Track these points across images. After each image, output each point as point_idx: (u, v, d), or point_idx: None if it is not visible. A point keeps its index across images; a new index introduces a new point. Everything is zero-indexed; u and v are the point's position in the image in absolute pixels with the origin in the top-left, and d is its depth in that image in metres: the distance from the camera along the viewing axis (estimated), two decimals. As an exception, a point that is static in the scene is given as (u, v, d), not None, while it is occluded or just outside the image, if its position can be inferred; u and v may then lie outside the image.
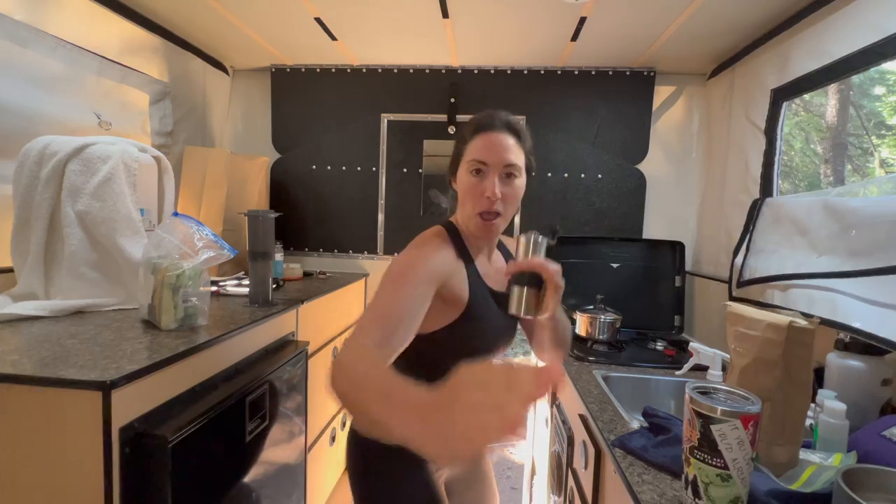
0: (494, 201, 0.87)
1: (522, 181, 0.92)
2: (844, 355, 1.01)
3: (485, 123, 0.91)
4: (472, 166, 0.89)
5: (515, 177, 0.90)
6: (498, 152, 0.88)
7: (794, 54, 1.42)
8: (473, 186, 0.88)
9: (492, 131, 0.90)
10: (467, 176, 0.89)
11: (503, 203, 0.88)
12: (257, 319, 1.20)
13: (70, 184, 1.15)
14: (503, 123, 0.91)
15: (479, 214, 0.88)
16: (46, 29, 1.30)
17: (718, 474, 0.65)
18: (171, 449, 0.78)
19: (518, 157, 0.90)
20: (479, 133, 0.90)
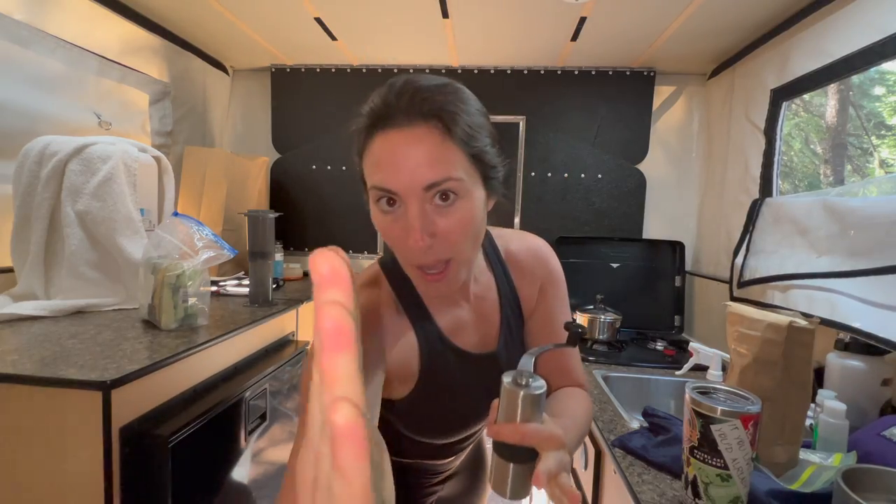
0: (425, 249, 0.54)
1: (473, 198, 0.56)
2: (844, 355, 1.01)
3: (381, 115, 0.56)
4: (377, 196, 0.56)
5: (455, 195, 0.54)
6: (408, 170, 0.52)
7: (794, 54, 1.42)
8: (390, 227, 0.56)
9: (392, 128, 0.54)
10: (377, 211, 0.58)
11: (444, 244, 0.55)
12: (257, 319, 1.20)
13: (70, 184, 1.15)
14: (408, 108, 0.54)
15: (416, 268, 0.57)
16: (46, 29, 1.30)
17: (718, 474, 0.65)
18: (170, 449, 0.78)
19: (449, 166, 0.53)
20: (376, 134, 0.57)
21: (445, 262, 0.56)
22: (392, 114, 0.54)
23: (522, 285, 0.73)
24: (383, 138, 0.55)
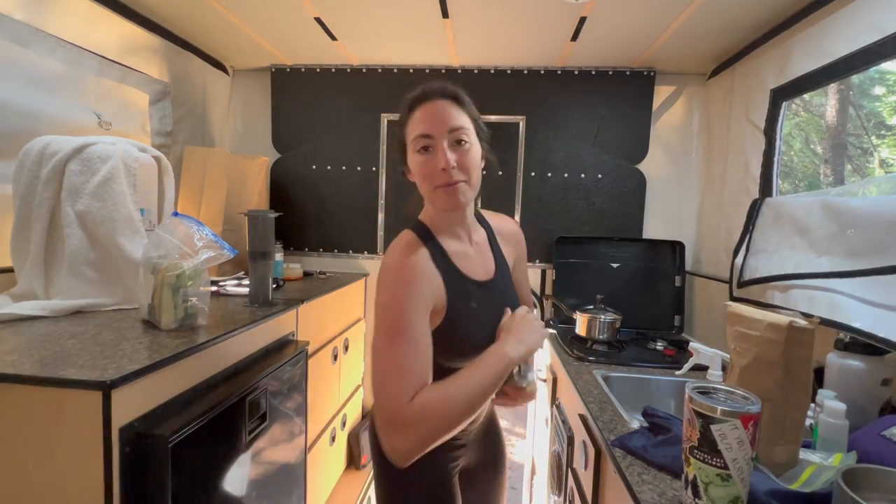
0: (450, 170, 0.82)
1: (476, 148, 0.87)
2: (844, 355, 1.01)
3: (418, 97, 0.86)
4: (418, 144, 0.84)
5: (466, 142, 0.85)
6: (440, 119, 0.83)
7: (794, 54, 1.42)
8: (425, 163, 0.84)
9: (427, 102, 0.85)
10: (416, 156, 0.85)
11: (461, 171, 0.83)
12: (257, 319, 1.20)
13: (70, 184, 1.15)
14: (438, 91, 0.85)
15: (438, 188, 0.84)
16: (46, 29, 1.30)
17: (718, 474, 0.65)
18: (171, 449, 0.78)
19: (463, 120, 0.85)
20: (416, 108, 0.86)
21: (458, 181, 0.84)
22: (428, 96, 0.86)
23: (504, 245, 1.04)
24: (423, 107, 0.85)
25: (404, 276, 0.82)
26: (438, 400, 0.74)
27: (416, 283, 0.82)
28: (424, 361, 0.78)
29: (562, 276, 2.02)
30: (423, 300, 0.81)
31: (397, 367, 0.76)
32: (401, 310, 0.79)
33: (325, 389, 1.75)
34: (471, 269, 0.92)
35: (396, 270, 0.83)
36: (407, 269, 0.82)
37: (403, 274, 0.82)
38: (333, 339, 1.83)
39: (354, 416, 2.20)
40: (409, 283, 0.81)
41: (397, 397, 0.74)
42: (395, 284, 0.81)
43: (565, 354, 1.57)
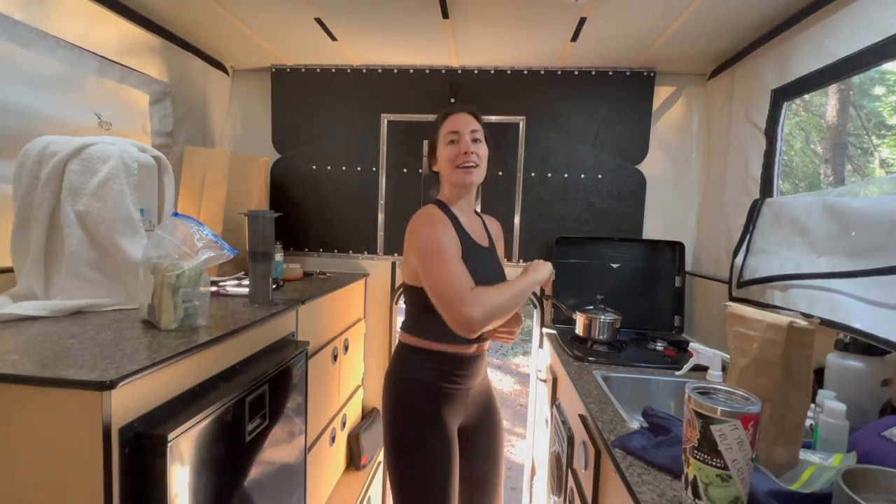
0: (470, 154, 1.20)
1: (485, 146, 1.26)
2: (844, 355, 1.01)
3: (450, 110, 1.27)
4: (448, 138, 1.23)
5: (480, 141, 1.24)
6: (465, 123, 1.23)
7: (795, 55, 1.42)
8: (452, 149, 1.22)
9: (456, 113, 1.25)
10: (446, 148, 1.23)
11: (477, 157, 1.22)
12: (257, 319, 1.20)
13: (70, 184, 1.15)
14: (464, 108, 1.27)
15: (458, 167, 1.21)
16: (46, 29, 1.30)
17: (718, 475, 0.65)
18: (170, 449, 0.78)
19: (479, 126, 1.25)
20: (448, 117, 1.26)
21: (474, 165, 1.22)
22: (456, 110, 1.27)
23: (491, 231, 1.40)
24: (453, 116, 1.25)
25: (436, 221, 1.16)
26: (492, 290, 1.08)
27: (446, 226, 1.17)
28: (466, 272, 1.09)
29: (562, 277, 2.02)
30: (452, 238, 1.15)
31: (450, 274, 1.08)
32: (439, 240, 1.12)
33: (325, 389, 1.75)
34: (473, 234, 1.27)
35: (429, 218, 1.17)
36: (437, 218, 1.18)
37: (435, 220, 1.16)
38: (333, 340, 1.83)
39: (354, 417, 2.20)
40: (441, 225, 1.16)
41: (459, 290, 1.05)
42: (430, 225, 1.15)
43: (565, 355, 1.57)
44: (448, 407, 1.23)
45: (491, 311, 1.04)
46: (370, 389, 2.33)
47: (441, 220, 1.17)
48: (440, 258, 1.09)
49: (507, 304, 1.08)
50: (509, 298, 1.09)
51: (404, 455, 1.20)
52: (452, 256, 1.10)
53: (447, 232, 1.14)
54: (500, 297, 1.07)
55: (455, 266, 1.09)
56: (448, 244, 1.12)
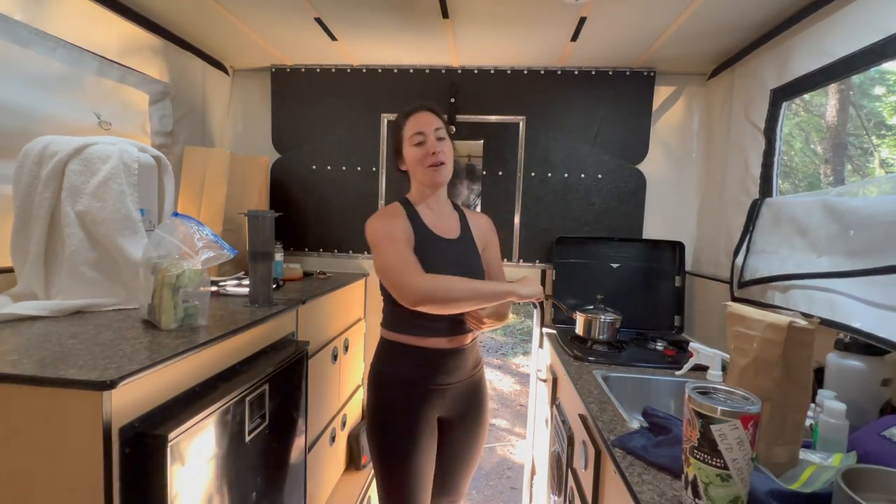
0: (438, 153, 1.24)
1: (451, 144, 1.29)
2: (844, 355, 1.01)
3: (410, 110, 1.29)
4: (414, 140, 1.25)
5: (445, 139, 1.27)
6: (428, 123, 1.26)
7: (794, 54, 1.42)
8: (419, 151, 1.25)
9: (417, 113, 1.27)
10: (413, 149, 1.26)
11: (442, 154, 1.25)
12: (257, 319, 1.20)
13: (70, 184, 1.15)
14: (424, 106, 1.29)
15: (428, 167, 1.24)
16: (46, 29, 1.30)
17: (718, 474, 0.65)
18: (170, 449, 0.78)
19: (440, 124, 1.28)
20: (410, 117, 1.28)
21: (441, 163, 1.25)
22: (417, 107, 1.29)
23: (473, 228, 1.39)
24: (414, 116, 1.28)
25: (385, 214, 1.27)
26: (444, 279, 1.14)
27: (395, 218, 1.26)
28: (412, 252, 1.18)
29: (562, 276, 2.02)
30: (400, 225, 1.24)
31: (395, 253, 1.16)
32: (386, 229, 1.21)
33: (325, 389, 1.75)
34: (436, 228, 1.30)
35: (380, 213, 1.29)
36: (388, 212, 1.29)
37: (385, 214, 1.28)
38: (333, 339, 1.83)
39: (354, 417, 2.20)
40: (389, 217, 1.26)
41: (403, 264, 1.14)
42: (380, 218, 1.26)
43: (565, 354, 1.57)
44: (420, 400, 1.26)
45: (437, 289, 1.10)
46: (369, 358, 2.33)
47: (391, 213, 1.28)
48: (387, 243, 1.18)
49: (459, 293, 1.12)
50: (464, 290, 1.13)
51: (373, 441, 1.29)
52: (399, 241, 1.18)
53: (395, 223, 1.23)
54: (453, 283, 1.13)
55: (401, 247, 1.17)
56: (395, 232, 1.19)
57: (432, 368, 1.27)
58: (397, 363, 1.28)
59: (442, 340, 1.26)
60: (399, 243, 1.18)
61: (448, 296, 1.11)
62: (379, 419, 1.28)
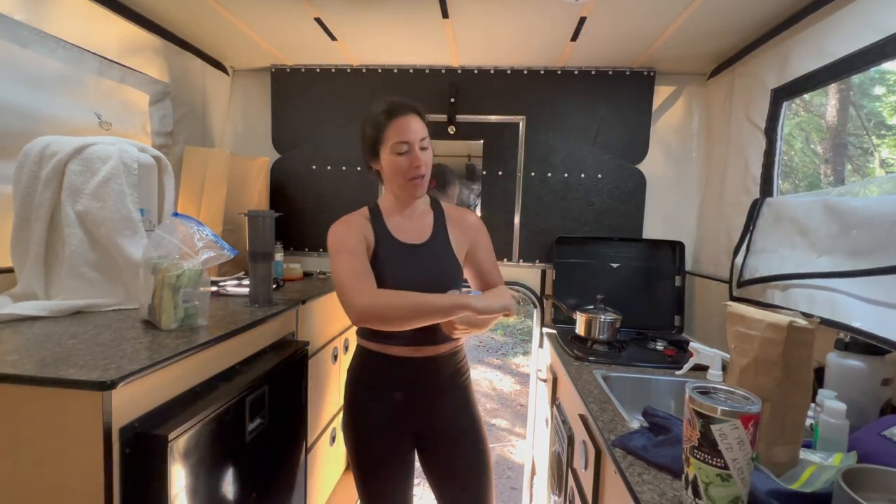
0: (421, 166, 1.16)
1: (431, 149, 1.21)
2: (844, 355, 1.01)
3: (394, 110, 1.16)
4: (397, 148, 1.15)
5: (427, 148, 1.19)
6: (414, 131, 1.15)
7: (795, 54, 1.42)
8: (403, 161, 1.16)
9: (403, 117, 1.15)
10: (393, 157, 1.16)
11: (425, 167, 1.18)
12: (257, 319, 1.20)
13: (70, 184, 1.15)
14: (410, 108, 1.17)
15: (409, 180, 1.17)
16: (46, 29, 1.30)
17: (718, 474, 0.65)
18: (170, 449, 0.78)
19: (426, 132, 1.18)
20: (393, 118, 1.15)
21: (422, 176, 1.18)
22: (403, 110, 1.16)
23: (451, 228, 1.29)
24: (400, 120, 1.15)
25: (342, 223, 1.22)
26: (386, 294, 1.10)
27: (351, 226, 1.21)
28: (365, 269, 1.14)
29: (562, 276, 2.02)
30: (356, 235, 1.19)
31: (342, 265, 1.13)
32: (337, 238, 1.17)
33: (325, 389, 1.75)
34: (401, 234, 1.24)
35: (338, 221, 1.23)
36: (344, 221, 1.23)
37: (341, 223, 1.23)
38: (333, 339, 1.83)
39: (354, 416, 2.19)
40: (344, 226, 1.21)
41: (348, 279, 1.10)
42: (336, 227, 1.21)
43: (565, 354, 1.57)
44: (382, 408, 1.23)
45: (378, 305, 1.07)
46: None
47: (352, 220, 1.23)
48: (336, 253, 1.15)
49: (402, 310, 1.06)
50: (408, 306, 1.07)
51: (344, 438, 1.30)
52: (349, 251, 1.14)
53: (353, 231, 1.19)
54: (397, 298, 1.08)
55: (348, 259, 1.13)
56: (346, 241, 1.16)
57: (395, 377, 1.22)
58: (363, 368, 1.26)
59: (406, 349, 1.20)
60: (351, 255, 1.14)
61: (390, 313, 1.06)
62: (344, 422, 1.28)
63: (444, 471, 1.29)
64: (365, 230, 1.22)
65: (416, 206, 1.28)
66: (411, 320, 1.08)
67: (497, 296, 1.20)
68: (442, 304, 1.09)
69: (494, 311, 1.14)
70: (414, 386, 1.23)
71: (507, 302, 1.19)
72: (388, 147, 1.16)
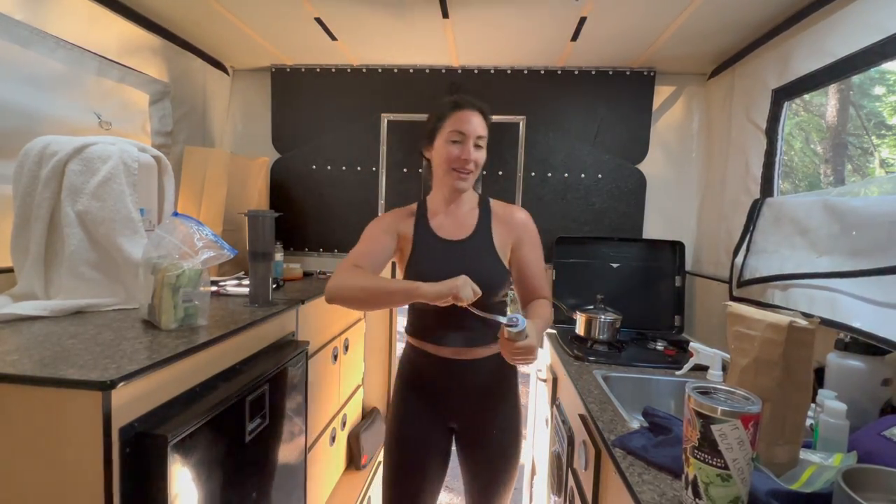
0: (470, 162, 1.17)
1: (485, 154, 1.23)
2: (844, 355, 1.01)
3: (462, 102, 1.19)
4: (452, 137, 1.17)
5: (481, 148, 1.21)
6: (473, 127, 1.17)
7: (795, 54, 1.42)
8: (453, 150, 1.18)
9: (467, 109, 1.18)
10: (447, 145, 1.18)
11: (475, 164, 1.19)
12: (257, 319, 1.20)
13: (70, 184, 1.15)
14: (475, 105, 1.20)
15: (455, 170, 1.18)
16: (46, 29, 1.30)
17: (718, 474, 0.65)
18: (171, 449, 0.78)
19: (485, 132, 1.20)
20: (456, 110, 1.18)
21: (469, 172, 1.19)
22: (469, 105, 1.20)
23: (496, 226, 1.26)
24: (463, 112, 1.18)
25: (391, 212, 1.31)
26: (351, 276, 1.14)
27: (385, 217, 1.29)
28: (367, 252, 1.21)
29: (562, 276, 2.02)
30: (384, 225, 1.26)
31: (350, 253, 1.22)
32: (371, 225, 1.27)
33: (325, 389, 1.75)
34: (442, 231, 1.25)
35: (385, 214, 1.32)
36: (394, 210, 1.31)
37: (391, 211, 1.31)
38: (333, 339, 1.83)
39: (354, 417, 2.20)
40: (390, 215, 1.29)
41: (340, 266, 1.18)
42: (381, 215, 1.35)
43: (565, 354, 1.57)
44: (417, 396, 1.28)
45: (338, 287, 1.12)
46: (370, 389, 2.33)
47: (396, 212, 1.29)
48: (365, 233, 1.26)
49: (358, 290, 1.11)
50: (364, 287, 1.11)
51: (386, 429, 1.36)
52: (367, 237, 1.24)
53: (381, 221, 1.28)
54: (356, 280, 1.12)
55: (359, 245, 1.23)
56: (373, 232, 1.25)
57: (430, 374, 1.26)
58: (404, 360, 1.33)
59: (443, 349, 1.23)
60: (365, 242, 1.22)
61: (348, 294, 1.12)
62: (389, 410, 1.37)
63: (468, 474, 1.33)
64: (401, 224, 1.25)
65: (462, 203, 1.27)
66: (367, 302, 1.14)
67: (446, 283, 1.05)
68: (392, 288, 1.13)
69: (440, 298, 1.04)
70: (449, 386, 1.25)
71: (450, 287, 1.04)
72: (445, 134, 1.18)
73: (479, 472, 1.31)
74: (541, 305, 1.22)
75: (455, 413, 1.28)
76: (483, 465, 1.30)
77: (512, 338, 1.00)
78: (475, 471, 1.32)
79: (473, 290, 1.05)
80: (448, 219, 1.26)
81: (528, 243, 1.26)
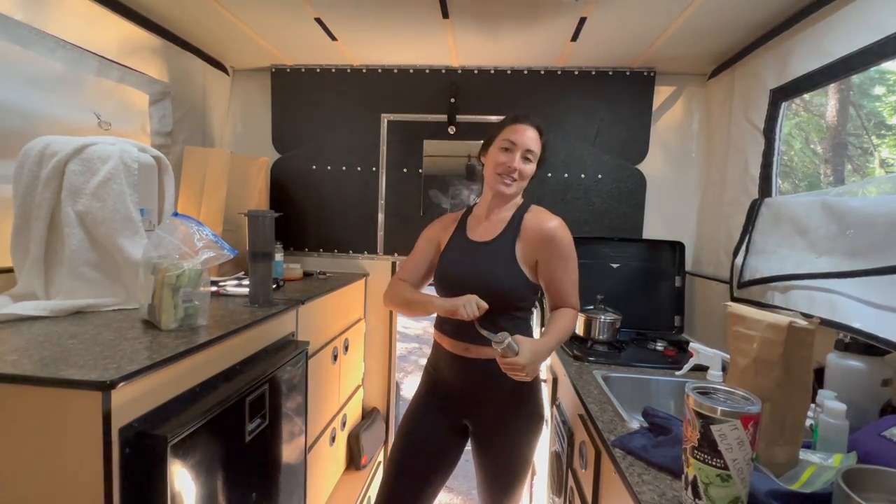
0: (514, 171, 1.22)
1: (534, 167, 1.27)
2: (844, 355, 1.01)
3: (520, 116, 1.26)
4: (503, 144, 1.24)
5: (530, 161, 1.25)
6: (524, 141, 1.22)
7: (794, 54, 1.42)
8: (501, 157, 1.24)
9: (523, 123, 1.24)
10: (497, 152, 1.25)
11: (519, 174, 1.23)
12: (257, 319, 1.20)
13: (70, 184, 1.15)
14: (533, 121, 1.25)
15: (500, 175, 1.24)
16: (46, 29, 1.30)
17: (718, 474, 0.65)
18: (170, 449, 0.78)
19: (536, 147, 1.24)
20: (514, 122, 1.25)
21: (513, 180, 1.24)
22: (525, 119, 1.25)
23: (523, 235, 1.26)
24: (519, 125, 1.24)
25: (440, 219, 1.42)
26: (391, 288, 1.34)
27: (433, 226, 1.40)
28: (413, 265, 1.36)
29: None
30: (434, 234, 1.37)
31: (404, 264, 1.39)
32: (422, 235, 1.39)
33: (325, 389, 1.75)
34: (473, 232, 1.32)
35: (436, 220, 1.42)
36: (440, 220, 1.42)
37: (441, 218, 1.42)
38: (333, 340, 1.83)
39: (354, 417, 2.20)
40: (438, 222, 1.40)
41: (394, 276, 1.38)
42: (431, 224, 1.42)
43: (565, 355, 1.57)
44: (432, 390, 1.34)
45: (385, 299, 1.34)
46: (370, 389, 2.33)
47: (444, 219, 1.41)
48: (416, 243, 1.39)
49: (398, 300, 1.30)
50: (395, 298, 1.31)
51: None
52: (419, 250, 1.37)
53: (428, 231, 1.39)
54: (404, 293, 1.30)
55: (410, 256, 1.38)
56: (419, 242, 1.38)
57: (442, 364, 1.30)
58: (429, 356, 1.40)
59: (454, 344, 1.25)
60: (416, 251, 1.37)
61: (390, 304, 1.33)
62: None
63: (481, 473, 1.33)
64: (443, 231, 1.36)
65: (503, 208, 1.30)
66: (404, 311, 1.33)
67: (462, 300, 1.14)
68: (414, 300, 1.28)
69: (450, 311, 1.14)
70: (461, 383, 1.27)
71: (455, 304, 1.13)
72: (498, 142, 1.25)
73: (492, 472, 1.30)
74: (560, 316, 1.23)
75: (468, 411, 1.28)
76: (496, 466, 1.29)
77: (502, 353, 1.05)
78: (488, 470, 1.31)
79: (479, 306, 1.12)
80: (484, 222, 1.31)
81: (556, 258, 1.24)
